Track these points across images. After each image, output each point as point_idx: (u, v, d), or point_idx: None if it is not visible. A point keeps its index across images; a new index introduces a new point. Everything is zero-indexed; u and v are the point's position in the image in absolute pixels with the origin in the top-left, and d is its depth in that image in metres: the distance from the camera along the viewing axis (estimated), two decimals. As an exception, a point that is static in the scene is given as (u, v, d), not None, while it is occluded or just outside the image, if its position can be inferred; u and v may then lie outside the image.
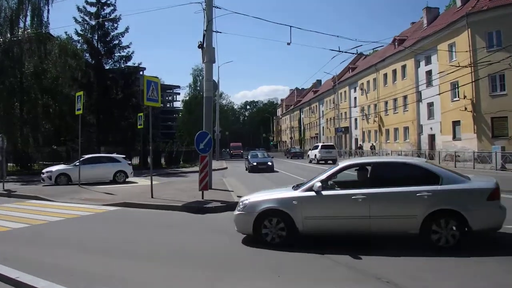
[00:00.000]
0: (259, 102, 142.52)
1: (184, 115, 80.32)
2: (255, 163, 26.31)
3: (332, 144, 43.53)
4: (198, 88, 63.58)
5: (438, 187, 6.43)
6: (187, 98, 77.68)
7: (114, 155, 21.23)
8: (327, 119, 67.73)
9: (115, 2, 32.10)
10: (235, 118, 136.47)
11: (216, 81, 32.96)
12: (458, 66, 28.00)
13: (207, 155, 12.50)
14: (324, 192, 6.87)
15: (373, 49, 67.31)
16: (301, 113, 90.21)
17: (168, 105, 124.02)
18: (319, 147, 36.63)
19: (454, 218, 6.24)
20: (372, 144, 46.03)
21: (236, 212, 7.47)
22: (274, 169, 26.37)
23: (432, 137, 36.77)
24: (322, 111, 72.25)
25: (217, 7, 16.18)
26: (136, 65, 33.55)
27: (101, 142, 31.17)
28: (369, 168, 7.30)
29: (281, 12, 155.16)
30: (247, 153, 35.80)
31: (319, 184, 6.88)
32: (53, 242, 7.68)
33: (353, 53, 28.30)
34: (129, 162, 21.72)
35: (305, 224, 6.83)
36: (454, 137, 32.48)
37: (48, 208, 11.77)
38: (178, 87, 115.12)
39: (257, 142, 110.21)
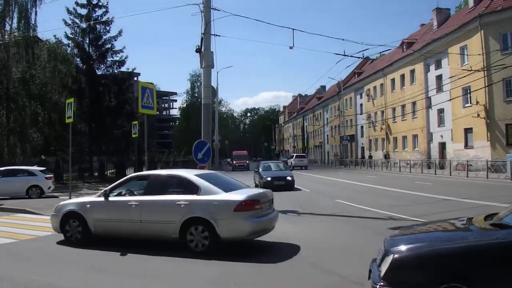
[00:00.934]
0: (260, 109, 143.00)
1: (181, 123, 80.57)
2: (269, 178, 20.50)
3: (303, 154, 63.81)
4: (196, 94, 63.79)
5: (195, 197, 7.51)
6: (184, 105, 77.95)
7: (30, 167, 20.12)
8: (331, 126, 67.72)
9: (107, 4, 32.25)
10: (235, 126, 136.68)
11: (215, 87, 33.05)
12: (470, 70, 27.97)
13: (206, 165, 12.38)
14: (111, 198, 8.23)
15: (380, 53, 67.62)
16: (305, 121, 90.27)
17: (164, 113, 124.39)
18: (294, 157, 55.05)
19: (205, 225, 7.27)
20: (387, 152, 45.63)
21: (51, 213, 8.94)
22: (295, 186, 21.27)
23: (442, 145, 36.63)
24: (327, 118, 72.28)
25: (216, 9, 16.13)
26: (130, 70, 33.68)
27: (93, 152, 31.10)
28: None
29: (283, 13, 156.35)
30: (254, 164, 36.67)
31: (105, 191, 8.31)
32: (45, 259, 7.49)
33: (359, 57, 28.14)
34: (49, 175, 19.95)
35: (96, 225, 8.24)
36: (466, 145, 32.33)
37: (37, 222, 11.59)
38: (175, 93, 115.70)
39: (258, 152, 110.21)
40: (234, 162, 53.89)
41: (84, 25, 31.43)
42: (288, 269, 6.64)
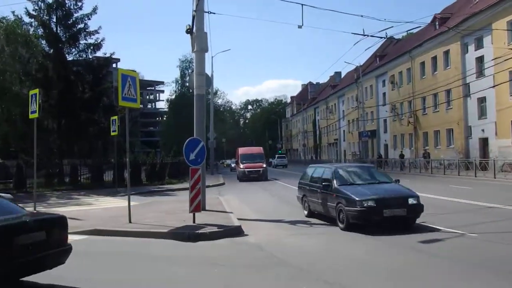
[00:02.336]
0: (263, 101, 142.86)
1: (169, 118, 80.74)
2: (371, 203, 11.08)
3: (284, 154, 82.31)
4: (187, 84, 63.41)
5: None
6: (173, 96, 77.97)
7: None
8: (348, 120, 67.70)
9: (77, -27, 32.00)
10: (234, 121, 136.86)
11: (210, 75, 32.96)
12: (520, 50, 27.67)
13: (199, 168, 12.30)
14: None
15: (407, 31, 67.29)
16: (316, 114, 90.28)
17: (149, 106, 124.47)
18: (276, 157, 73.74)
19: None
20: (425, 151, 45.26)
21: None
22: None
23: (484, 142, 36.48)
24: (343, 110, 72.26)
25: (210, -21, 16.09)
26: (107, 55, 33.59)
27: (64, 153, 31.03)
28: None
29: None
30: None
31: None
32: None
33: (381, 37, 27.77)
34: None
35: None
36: (514, 141, 32.16)
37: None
38: (162, 83, 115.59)
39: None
40: (242, 166, 36.55)
41: (50, 0, 31.32)
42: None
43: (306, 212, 14.10)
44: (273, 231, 11.92)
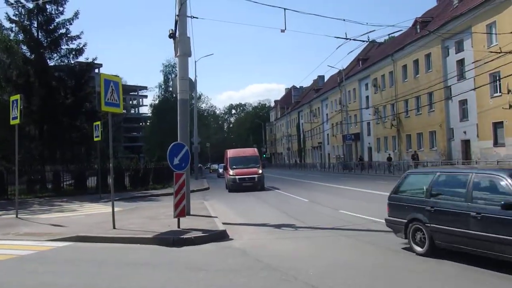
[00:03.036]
0: (247, 105, 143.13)
1: (153, 123, 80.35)
2: None
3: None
4: (171, 88, 63.22)
5: None
6: (157, 101, 77.58)
7: None
8: (332, 124, 68.06)
9: (58, -22, 31.80)
10: (218, 126, 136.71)
11: (193, 80, 32.99)
12: (499, 52, 28.10)
13: (184, 173, 12.29)
14: None
15: (388, 34, 68.27)
16: (300, 118, 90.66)
17: (132, 111, 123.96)
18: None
19: None
20: (415, 152, 45.60)
21: None
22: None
23: (466, 143, 36.95)
24: (326, 114, 72.67)
25: (193, -16, 16.10)
26: (89, 60, 33.39)
27: (46, 159, 30.73)
28: None
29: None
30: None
31: None
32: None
33: (364, 41, 28.37)
34: None
35: None
36: (495, 143, 32.64)
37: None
38: (145, 88, 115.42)
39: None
40: (232, 172, 28.74)
41: (30, 5, 31.04)
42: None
43: (419, 249, 8.61)
44: (258, 235, 11.94)
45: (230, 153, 31.07)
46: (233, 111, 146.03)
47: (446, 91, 38.14)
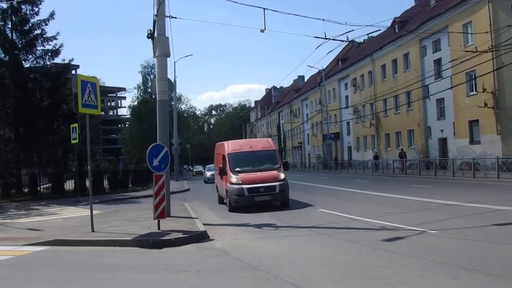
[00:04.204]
0: (227, 106, 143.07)
1: (132, 125, 79.61)
2: None
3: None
4: (149, 90, 62.90)
5: None
6: (135, 103, 76.89)
7: None
8: (312, 124, 68.42)
9: (34, -22, 31.33)
10: (198, 127, 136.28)
11: (173, 80, 32.83)
12: (475, 52, 28.60)
13: (163, 174, 12.25)
14: None
15: (367, 34, 68.84)
16: (281, 118, 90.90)
17: (111, 113, 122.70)
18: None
19: None
20: (377, 152, 46.16)
21: None
22: None
23: (443, 141, 37.52)
24: (307, 114, 73.03)
25: (170, -16, 16.07)
26: (66, 62, 32.94)
27: (22, 163, 30.30)
28: None
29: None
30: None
31: None
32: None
33: (343, 41, 28.40)
34: None
35: None
36: (471, 141, 33.21)
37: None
38: (123, 89, 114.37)
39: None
40: (235, 180, 17.37)
41: (4, 5, 30.49)
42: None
43: None
44: (239, 235, 11.95)
45: (230, 146, 18.93)
46: (214, 112, 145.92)
47: (424, 90, 38.67)
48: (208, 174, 39.37)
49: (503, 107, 30.07)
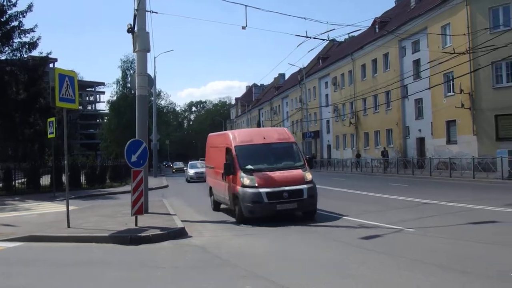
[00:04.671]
0: (208, 103, 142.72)
1: (110, 120, 78.72)
2: None
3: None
4: (129, 85, 62.28)
5: None
6: (114, 98, 76.05)
7: None
8: (292, 121, 68.60)
9: (10, -32, 30.74)
10: (178, 123, 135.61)
11: (152, 76, 32.57)
12: (453, 53, 28.93)
13: (142, 170, 12.12)
14: None
15: (348, 34, 69.32)
16: (261, 115, 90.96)
17: (89, 108, 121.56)
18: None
19: None
20: (358, 151, 46.40)
21: None
22: None
23: (421, 141, 37.99)
24: (287, 112, 73.18)
25: (151, -22, 15.91)
26: (43, 55, 32.41)
27: (-3, 157, 29.78)
28: None
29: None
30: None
31: None
32: None
33: (324, 39, 28.74)
34: None
35: None
36: (448, 140, 33.68)
37: None
38: (102, 84, 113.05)
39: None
40: (248, 181, 13.05)
41: (-21, -4, 29.97)
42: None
43: None
44: (218, 232, 11.92)
45: (237, 137, 14.59)
46: (194, 108, 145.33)
47: (403, 90, 39.06)
48: (191, 172, 35.89)
49: (479, 108, 30.52)
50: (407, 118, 40.06)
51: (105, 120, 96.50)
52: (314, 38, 23.53)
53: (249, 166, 13.31)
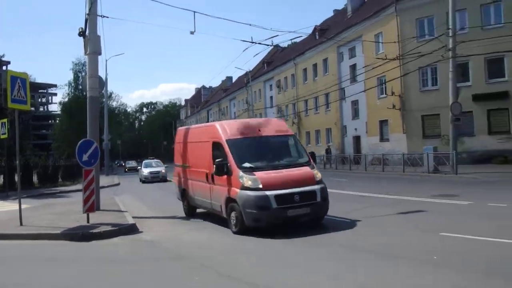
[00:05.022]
0: (158, 104, 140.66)
1: (62, 121, 76.29)
2: None
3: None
4: (81, 86, 60.50)
5: None
6: (66, 99, 73.74)
7: None
8: (240, 122, 68.53)
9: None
10: (129, 124, 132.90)
11: (104, 78, 31.79)
12: (385, 59, 30.02)
13: (93, 169, 11.88)
14: None
15: (291, 40, 70.03)
16: (210, 116, 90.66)
17: (41, 109, 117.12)
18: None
19: None
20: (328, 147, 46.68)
21: None
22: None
23: (357, 139, 39.02)
24: (234, 112, 73.24)
25: (102, -16, 15.57)
26: (-5, 57, 31.11)
27: None
28: None
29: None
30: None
31: None
32: None
33: (268, 45, 28.89)
34: None
35: None
36: (381, 138, 34.82)
37: None
38: (54, 86, 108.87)
39: (157, 152, 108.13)
40: (251, 182, 10.04)
41: None
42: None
43: None
44: (169, 227, 11.81)
45: (228, 129, 11.55)
46: (145, 109, 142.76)
47: (341, 92, 39.97)
48: (146, 172, 31.69)
49: (408, 109, 31.71)
50: (344, 118, 41.02)
51: (57, 121, 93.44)
52: (259, 43, 23.75)
53: (247, 164, 10.43)
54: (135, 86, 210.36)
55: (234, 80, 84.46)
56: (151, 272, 7.17)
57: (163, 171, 31.98)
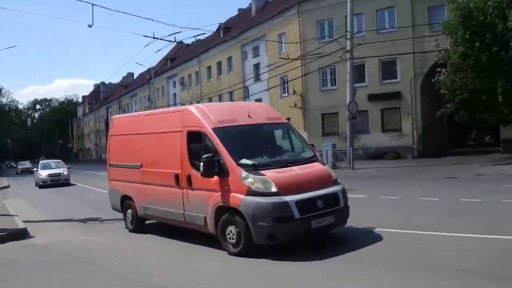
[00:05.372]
0: (53, 100, 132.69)
1: None
2: None
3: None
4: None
5: None
6: None
7: None
8: (142, 119, 66.95)
9: None
10: (21, 122, 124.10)
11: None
12: (287, 59, 30.83)
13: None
14: None
15: (194, 37, 69.46)
16: (109, 113, 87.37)
17: None
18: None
19: None
20: None
21: None
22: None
23: (261, 138, 39.65)
24: (136, 109, 71.28)
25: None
26: None
27: None
28: None
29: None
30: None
31: None
32: None
33: (171, 41, 28.46)
34: None
35: None
36: (283, 136, 35.64)
37: None
38: None
39: (52, 151, 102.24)
40: (261, 184, 7.39)
41: None
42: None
43: None
44: (63, 230, 11.15)
45: (211, 114, 8.35)
46: (38, 106, 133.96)
47: (245, 90, 40.43)
48: (44, 174, 26.59)
49: (309, 108, 32.99)
50: (248, 117, 41.51)
51: None
52: (161, 39, 23.24)
53: (247, 161, 7.68)
54: (28, 82, 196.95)
55: (135, 76, 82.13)
56: (41, 279, 6.71)
57: (66, 173, 27.28)
